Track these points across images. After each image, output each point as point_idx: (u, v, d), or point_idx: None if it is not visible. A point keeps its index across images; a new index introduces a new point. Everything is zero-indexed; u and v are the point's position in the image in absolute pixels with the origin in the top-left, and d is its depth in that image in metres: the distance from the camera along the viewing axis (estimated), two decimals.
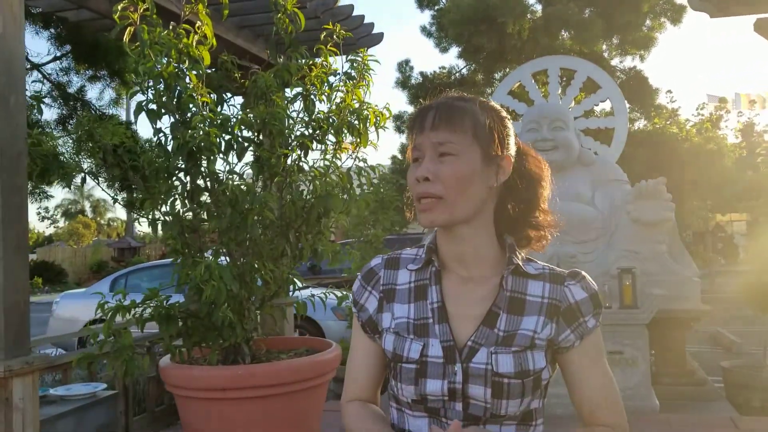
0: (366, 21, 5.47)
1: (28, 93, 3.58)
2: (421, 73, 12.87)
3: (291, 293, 4.41)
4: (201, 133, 3.13)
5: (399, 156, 13.35)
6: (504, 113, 1.30)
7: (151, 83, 3.15)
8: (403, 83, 12.99)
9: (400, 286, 1.31)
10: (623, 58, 12.43)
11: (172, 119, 3.26)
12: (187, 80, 3.18)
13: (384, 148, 11.08)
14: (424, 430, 1.22)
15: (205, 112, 3.28)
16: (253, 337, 3.84)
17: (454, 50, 12.37)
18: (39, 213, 46.22)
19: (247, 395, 3.48)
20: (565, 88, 8.42)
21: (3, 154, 3.00)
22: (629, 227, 6.47)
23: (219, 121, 3.20)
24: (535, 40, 10.87)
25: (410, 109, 13.55)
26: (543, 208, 1.34)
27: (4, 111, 3.01)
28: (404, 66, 12.95)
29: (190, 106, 3.15)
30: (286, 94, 3.78)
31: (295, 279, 4.01)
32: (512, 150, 1.29)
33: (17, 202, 3.07)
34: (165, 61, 3.08)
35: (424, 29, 12.84)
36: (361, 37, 5.53)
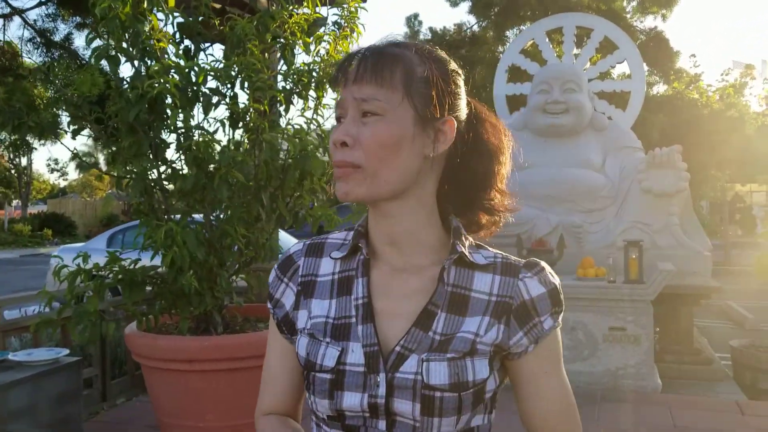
0: None
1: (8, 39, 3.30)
2: (430, 29, 12.36)
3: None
4: (162, 83, 2.83)
5: None
6: (454, 65, 1.02)
7: (106, 27, 2.84)
8: (411, 39, 12.47)
9: (322, 277, 1.07)
10: (644, 18, 11.82)
11: (133, 69, 2.96)
12: (149, 24, 2.87)
13: None
14: None
15: (172, 59, 2.97)
16: (226, 304, 3.60)
17: (465, 5, 11.85)
18: (48, 165, 46.29)
19: (215, 367, 3.26)
20: (580, 47, 7.98)
21: None
22: (640, 197, 6.14)
23: (182, 71, 2.89)
24: None
25: None
26: (500, 188, 1.07)
27: None
28: (412, 20, 12.47)
29: (148, 52, 2.83)
30: (268, 36, 3.45)
31: (274, 245, 3.73)
32: (461, 112, 1.02)
33: None
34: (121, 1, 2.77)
35: None
36: None
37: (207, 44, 3.85)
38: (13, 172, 34.20)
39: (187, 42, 3.56)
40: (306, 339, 1.03)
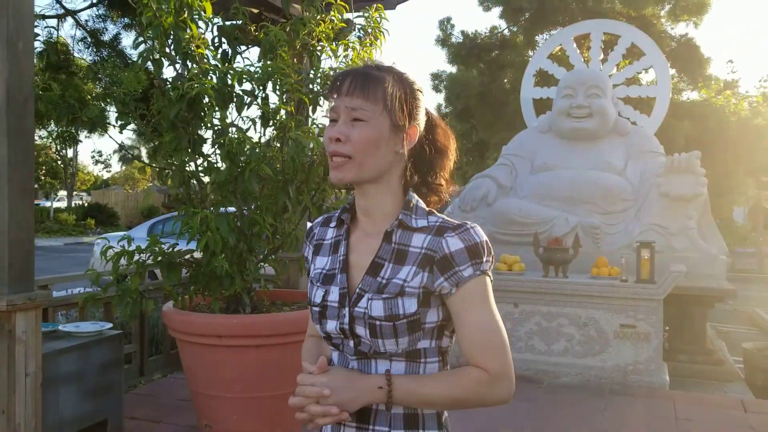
0: None
1: (51, 38, 3.66)
2: (462, 32, 12.57)
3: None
4: (200, 84, 3.16)
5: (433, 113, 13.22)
6: (417, 85, 1.37)
7: (151, 33, 3.19)
8: (444, 41, 12.73)
9: (326, 241, 1.46)
10: (675, 25, 11.82)
11: (175, 71, 3.30)
12: (189, 31, 3.20)
13: None
14: (335, 361, 1.40)
15: (207, 60, 3.30)
16: (255, 288, 3.92)
17: (497, 9, 12.01)
18: (93, 156, 47.61)
19: (242, 343, 3.58)
20: (608, 53, 8.13)
21: (10, 98, 3.10)
22: (658, 201, 6.31)
23: (219, 74, 3.22)
24: (578, 4, 10.43)
25: (450, 68, 13.35)
26: (446, 177, 1.42)
27: (12, 56, 3.10)
28: (445, 24, 12.66)
29: (190, 56, 3.17)
30: (297, 42, 3.76)
31: (297, 235, 4.04)
32: (421, 121, 1.37)
33: (23, 145, 3.18)
34: (166, 11, 3.10)
35: None
36: None
37: (243, 48, 4.19)
38: (59, 163, 35.35)
39: (225, 46, 3.90)
40: (310, 284, 1.43)
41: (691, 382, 5.83)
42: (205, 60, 3.33)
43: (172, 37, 3.20)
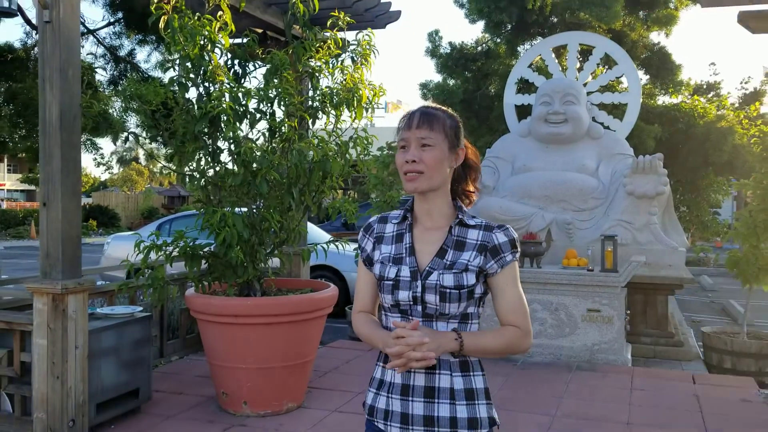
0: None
1: (83, 60, 4.29)
2: (450, 43, 13.35)
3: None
4: (220, 105, 3.82)
5: None
6: (458, 118, 1.88)
7: (178, 62, 3.84)
8: (433, 52, 13.50)
9: (387, 234, 1.91)
10: (647, 34, 12.57)
11: (197, 92, 3.95)
12: (209, 59, 3.85)
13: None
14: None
15: (227, 85, 3.95)
16: (264, 276, 4.57)
17: (482, 23, 12.76)
18: (95, 159, 48.20)
19: (254, 322, 4.23)
20: (583, 63, 8.79)
21: (63, 117, 3.74)
22: (625, 199, 6.96)
23: (234, 95, 3.87)
24: (557, 17, 11.13)
25: (438, 77, 14.11)
26: (475, 185, 1.94)
27: (63, 82, 3.74)
28: (434, 36, 13.41)
29: (210, 79, 3.82)
30: (300, 66, 4.41)
31: (303, 230, 4.68)
32: (462, 144, 1.88)
33: (73, 156, 3.82)
34: (191, 44, 3.75)
35: (456, 0, 13.27)
36: (378, 14, 6.10)
37: (252, 69, 4.83)
38: None
39: (237, 67, 4.55)
40: (379, 265, 1.86)
41: (653, 361, 6.49)
42: (224, 84, 3.97)
43: (196, 66, 3.84)
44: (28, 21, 8.15)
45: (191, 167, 4.20)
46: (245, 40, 4.51)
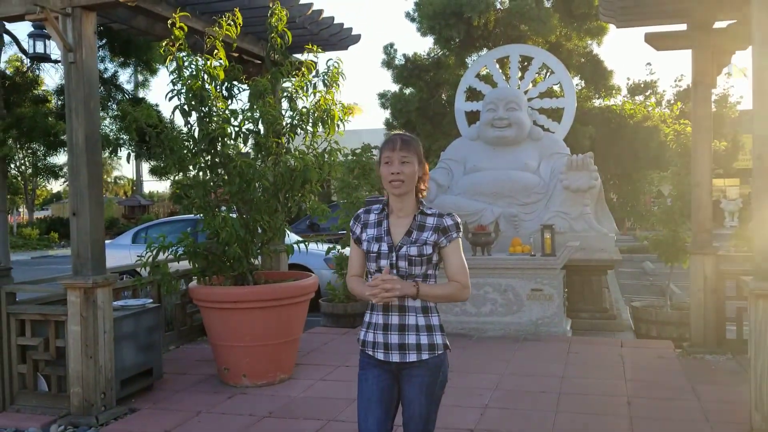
0: (351, 18, 6.86)
1: None
2: (404, 55, 14.47)
3: (287, 241, 5.95)
4: (216, 126, 4.64)
5: (385, 129, 15.03)
6: (419, 142, 2.75)
7: (183, 92, 4.65)
8: (388, 63, 14.53)
9: (371, 221, 2.72)
10: (582, 44, 13.81)
11: (197, 116, 4.76)
12: (209, 91, 4.68)
13: (371, 121, 12.55)
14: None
15: (221, 111, 4.77)
16: (255, 269, 5.38)
17: (432, 37, 13.83)
18: (54, 170, 47.61)
19: (251, 306, 5.04)
20: (524, 72, 9.78)
21: (88, 140, 4.50)
22: (562, 193, 7.96)
23: (229, 118, 4.70)
24: (500, 30, 12.22)
25: (394, 87, 15.19)
26: (426, 185, 2.77)
27: (86, 112, 4.50)
28: (389, 48, 14.42)
29: (210, 107, 4.65)
30: (280, 91, 5.25)
31: (285, 229, 5.51)
32: (423, 159, 2.70)
33: (96, 172, 4.58)
34: (193, 77, 4.57)
35: (408, 15, 14.28)
36: (342, 38, 6.96)
37: (238, 90, 5.62)
38: (19, 179, 35.64)
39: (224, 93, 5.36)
40: (366, 242, 2.66)
41: (590, 333, 7.48)
42: (222, 111, 4.80)
43: (197, 95, 4.66)
44: (23, 51, 8.80)
45: (191, 176, 4.99)
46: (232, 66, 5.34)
